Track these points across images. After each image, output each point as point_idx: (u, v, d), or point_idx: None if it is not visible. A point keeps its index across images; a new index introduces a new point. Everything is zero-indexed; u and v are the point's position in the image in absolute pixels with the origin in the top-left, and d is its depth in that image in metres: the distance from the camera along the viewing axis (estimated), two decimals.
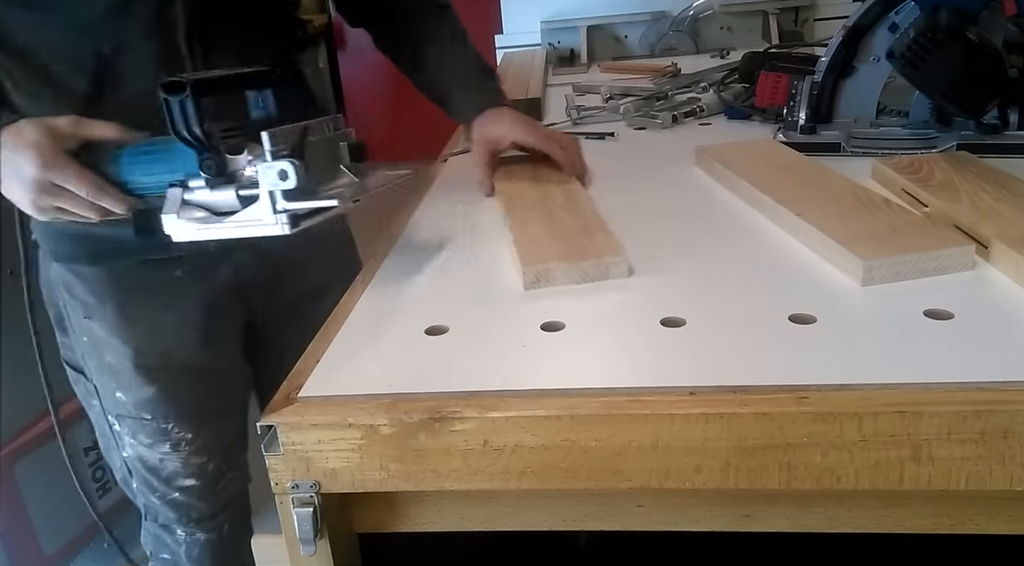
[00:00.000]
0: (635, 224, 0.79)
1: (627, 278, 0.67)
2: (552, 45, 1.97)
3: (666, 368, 0.54)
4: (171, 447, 0.99)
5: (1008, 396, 0.48)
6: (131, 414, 0.98)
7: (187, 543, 1.05)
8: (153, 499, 1.04)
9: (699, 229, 0.78)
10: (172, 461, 1.00)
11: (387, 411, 0.52)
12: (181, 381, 0.97)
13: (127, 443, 1.01)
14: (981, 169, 0.81)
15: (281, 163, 0.61)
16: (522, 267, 0.67)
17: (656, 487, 0.52)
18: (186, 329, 0.95)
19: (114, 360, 0.95)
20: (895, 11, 0.95)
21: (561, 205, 0.83)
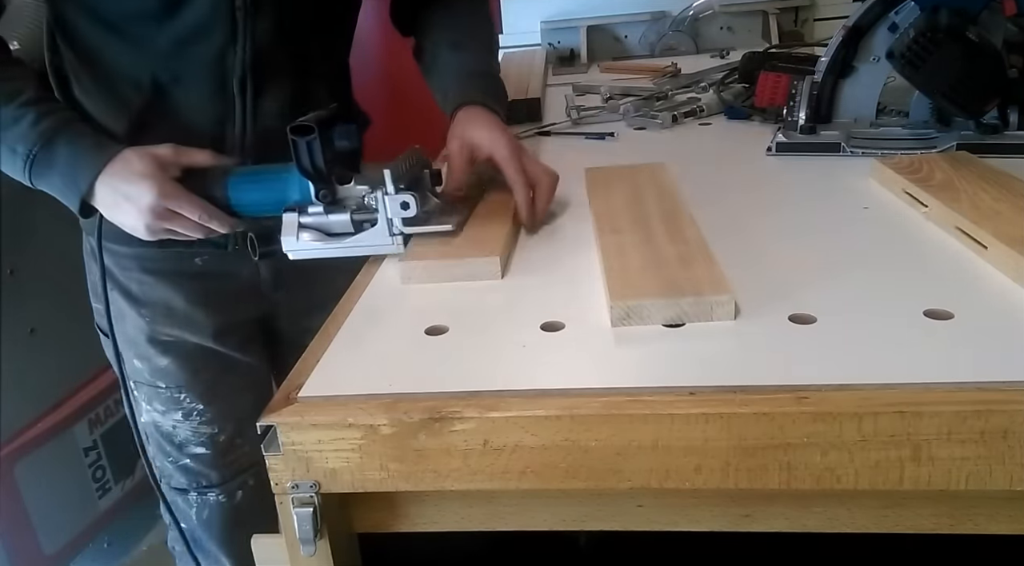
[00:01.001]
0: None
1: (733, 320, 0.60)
2: (552, 45, 1.97)
3: (666, 368, 0.54)
4: (183, 416, 1.04)
5: (1008, 396, 0.48)
6: (147, 381, 1.03)
7: (198, 506, 1.10)
8: (167, 463, 1.08)
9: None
10: (184, 429, 1.05)
11: (387, 411, 0.52)
12: (194, 359, 1.02)
13: (143, 409, 1.05)
14: (981, 169, 0.81)
15: (404, 196, 0.73)
16: (610, 302, 0.61)
17: (656, 487, 0.52)
18: (200, 315, 1.00)
19: (132, 331, 1.01)
20: (895, 11, 0.95)
21: (662, 228, 0.73)
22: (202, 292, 1.00)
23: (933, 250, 0.69)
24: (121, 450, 1.74)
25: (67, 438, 1.58)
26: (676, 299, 0.59)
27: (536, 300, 0.66)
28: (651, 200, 0.81)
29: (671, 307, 0.59)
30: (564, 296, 0.66)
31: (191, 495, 1.10)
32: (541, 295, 0.67)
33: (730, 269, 0.63)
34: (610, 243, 0.71)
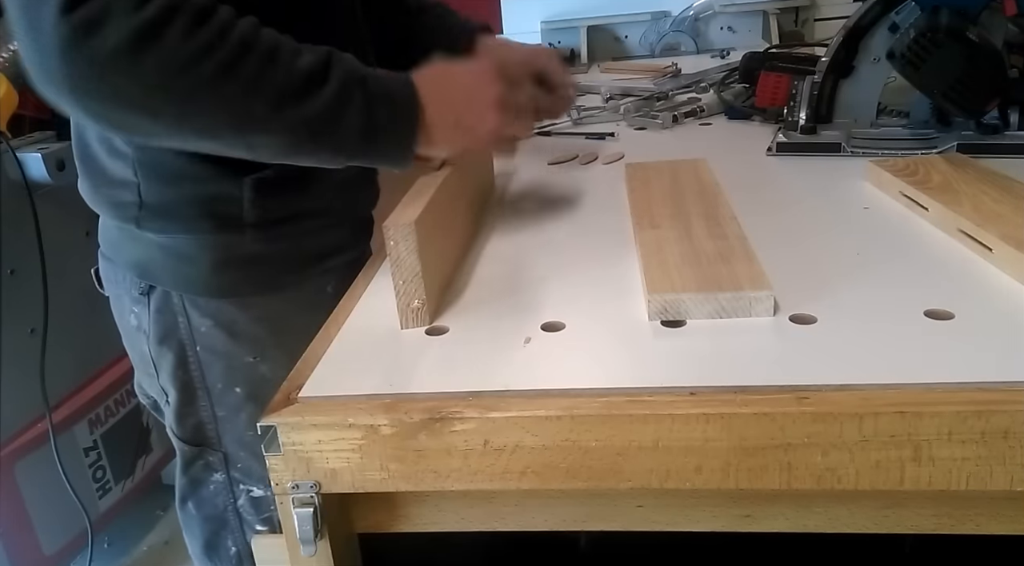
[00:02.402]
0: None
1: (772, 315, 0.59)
2: (552, 45, 1.97)
3: (666, 368, 0.54)
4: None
5: (1008, 396, 0.48)
6: (250, 445, 0.87)
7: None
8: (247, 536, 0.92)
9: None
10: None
11: (387, 411, 0.52)
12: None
13: (257, 514, 0.89)
14: (979, 171, 0.81)
15: None
16: (648, 295, 0.61)
17: (656, 487, 0.52)
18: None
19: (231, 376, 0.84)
20: (895, 11, 0.95)
21: (701, 223, 0.73)
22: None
23: (933, 250, 0.69)
24: (121, 450, 1.74)
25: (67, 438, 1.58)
26: (714, 294, 0.60)
27: (537, 300, 0.66)
28: (691, 195, 0.81)
29: (709, 302, 0.60)
30: (565, 296, 0.66)
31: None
32: (542, 295, 0.67)
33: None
34: (648, 238, 0.71)
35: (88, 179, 0.81)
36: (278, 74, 0.61)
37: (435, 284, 0.66)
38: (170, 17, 0.56)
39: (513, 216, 0.88)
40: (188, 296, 0.80)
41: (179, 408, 0.84)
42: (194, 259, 0.78)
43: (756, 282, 0.60)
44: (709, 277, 0.62)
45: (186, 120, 0.60)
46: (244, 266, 0.79)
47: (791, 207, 0.84)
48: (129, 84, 0.57)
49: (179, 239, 0.77)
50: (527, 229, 0.83)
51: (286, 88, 0.61)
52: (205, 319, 0.80)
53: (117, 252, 0.83)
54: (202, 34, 0.58)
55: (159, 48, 0.56)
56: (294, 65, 0.61)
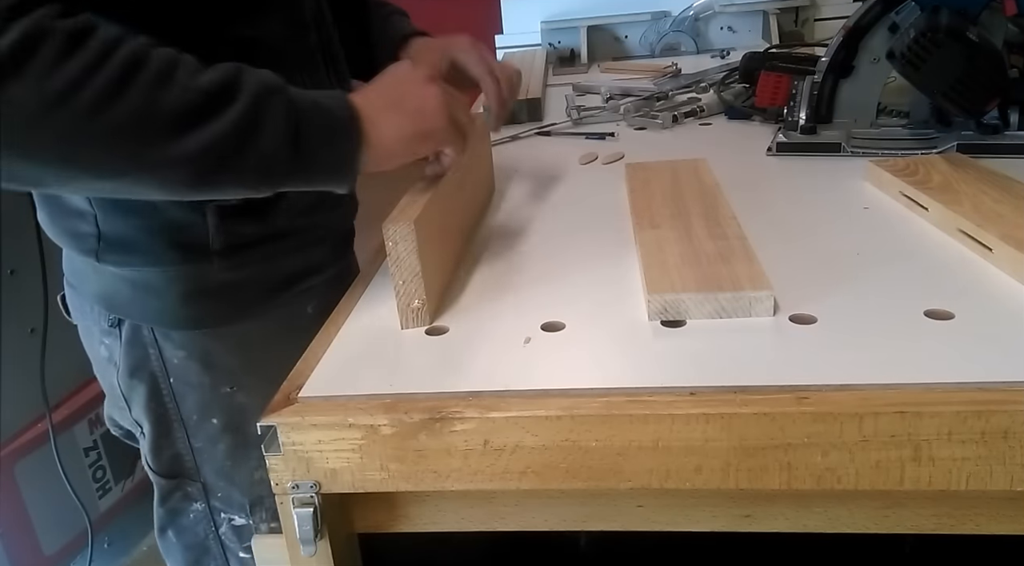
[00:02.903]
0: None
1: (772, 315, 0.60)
2: (552, 45, 1.96)
3: (666, 368, 0.54)
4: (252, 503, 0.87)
5: (1008, 396, 0.48)
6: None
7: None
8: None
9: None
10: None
11: (387, 411, 0.52)
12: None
13: (223, 518, 0.86)
14: (979, 171, 0.81)
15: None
16: (648, 295, 0.61)
17: (656, 487, 0.52)
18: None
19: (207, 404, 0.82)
20: (895, 11, 0.95)
21: (701, 223, 0.73)
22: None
23: (933, 250, 0.69)
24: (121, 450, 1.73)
25: (67, 438, 1.58)
26: (714, 294, 0.60)
27: (537, 300, 0.66)
28: (691, 195, 0.81)
29: (709, 302, 0.60)
30: (565, 296, 0.66)
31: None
32: (542, 295, 0.67)
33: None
34: (648, 238, 0.71)
35: (45, 207, 0.77)
36: (172, 96, 0.52)
37: (435, 284, 0.66)
38: (34, 45, 0.48)
39: (513, 216, 0.88)
40: (158, 328, 0.77)
41: (154, 440, 0.82)
42: (160, 291, 0.74)
43: (756, 282, 0.60)
44: (709, 277, 0.62)
45: (72, 161, 0.52)
46: (214, 295, 0.76)
47: (791, 207, 0.84)
48: (11, 129, 0.48)
49: (143, 271, 0.74)
50: (527, 229, 0.83)
51: (183, 111, 0.53)
52: (178, 351, 0.77)
53: (82, 283, 0.80)
54: (76, 61, 0.49)
55: (24, 82, 0.48)
56: (193, 84, 0.54)
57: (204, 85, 0.54)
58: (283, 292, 0.80)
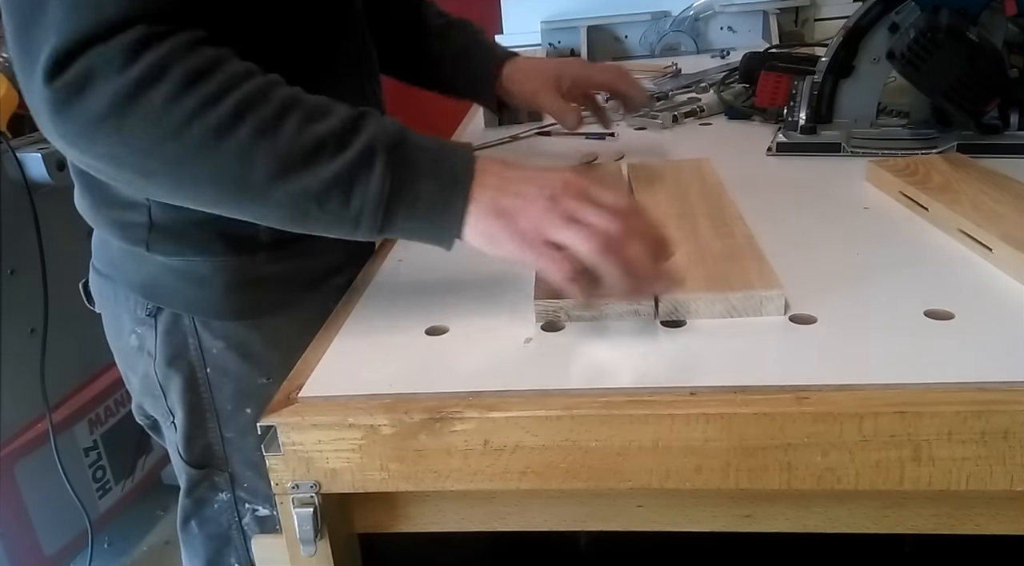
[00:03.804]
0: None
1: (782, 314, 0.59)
2: (552, 45, 1.96)
3: (666, 368, 0.54)
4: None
5: (1009, 396, 0.48)
6: (255, 467, 0.86)
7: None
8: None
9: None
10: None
11: (387, 411, 0.52)
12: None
13: (246, 508, 0.87)
14: (979, 171, 0.81)
15: None
16: (657, 295, 0.60)
17: (656, 487, 0.52)
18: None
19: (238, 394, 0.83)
20: (895, 11, 0.95)
21: (708, 223, 0.72)
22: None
23: (933, 251, 0.69)
24: (121, 450, 1.74)
25: (67, 438, 1.58)
26: (725, 294, 0.59)
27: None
28: (696, 195, 0.81)
29: (720, 302, 0.59)
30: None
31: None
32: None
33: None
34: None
35: (88, 196, 0.78)
36: (282, 139, 0.54)
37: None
38: (159, 75, 0.52)
39: None
40: (199, 318, 0.78)
41: (187, 431, 0.83)
42: (206, 281, 0.76)
43: (767, 281, 0.60)
44: (718, 277, 0.62)
45: (180, 186, 0.56)
46: (256, 287, 0.78)
47: (791, 207, 0.84)
48: (117, 146, 0.53)
49: (191, 261, 0.76)
50: None
51: (291, 154, 0.54)
52: (217, 341, 0.79)
53: (118, 272, 0.81)
54: (194, 95, 0.52)
55: (145, 111, 0.52)
56: (305, 130, 0.54)
57: (319, 131, 0.55)
58: (317, 287, 0.81)
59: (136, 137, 0.53)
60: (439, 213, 0.57)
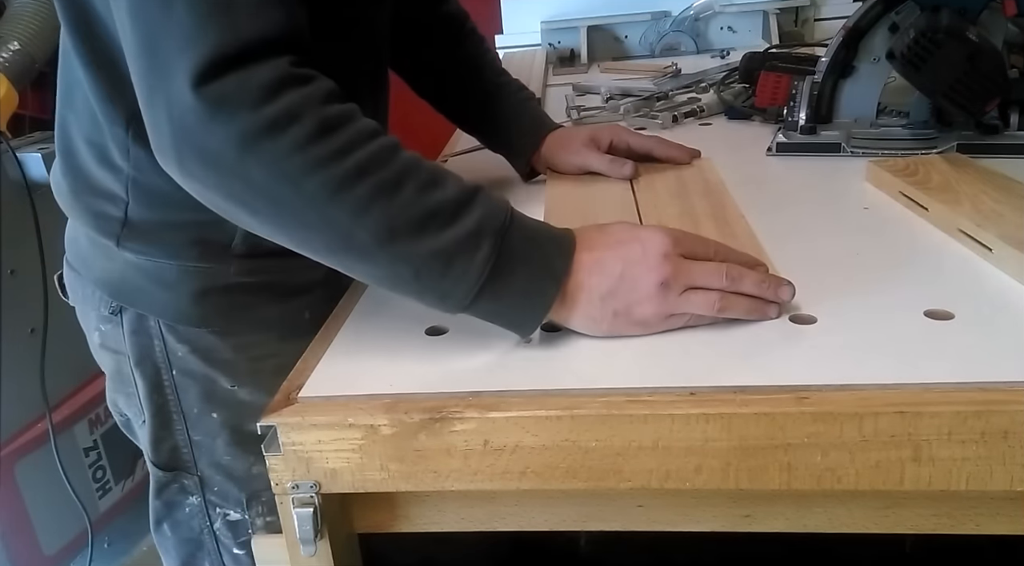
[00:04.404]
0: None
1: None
2: (552, 45, 1.96)
3: (666, 368, 0.54)
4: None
5: (1008, 396, 0.48)
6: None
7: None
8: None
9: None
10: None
11: (387, 411, 0.52)
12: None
13: (217, 513, 0.86)
14: (978, 171, 0.81)
15: None
16: None
17: (656, 487, 0.52)
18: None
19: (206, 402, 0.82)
20: (895, 11, 0.95)
21: (710, 223, 0.72)
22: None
23: (933, 250, 0.69)
24: (121, 450, 1.74)
25: (67, 438, 1.58)
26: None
27: None
28: (697, 194, 0.81)
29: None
30: None
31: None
32: None
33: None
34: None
35: (68, 179, 0.77)
36: (395, 205, 0.54)
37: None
38: (290, 121, 0.52)
39: None
40: (164, 321, 0.77)
41: (155, 432, 0.82)
42: (173, 286, 0.75)
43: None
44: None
45: (283, 228, 0.56)
46: (224, 296, 0.76)
47: (791, 207, 0.84)
48: (232, 179, 0.53)
49: (160, 263, 0.75)
50: None
51: (401, 222, 0.54)
52: (182, 344, 0.78)
53: (86, 267, 0.80)
54: (320, 147, 0.52)
55: (270, 151, 0.51)
56: (421, 198, 0.54)
57: (428, 204, 0.55)
58: (287, 300, 0.80)
59: (252, 176, 0.52)
60: (530, 299, 0.57)
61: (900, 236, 0.73)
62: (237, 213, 0.56)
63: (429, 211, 0.55)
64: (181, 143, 0.52)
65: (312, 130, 0.52)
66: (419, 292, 0.57)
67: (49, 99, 1.62)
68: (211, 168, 0.53)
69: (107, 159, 0.72)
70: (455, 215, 0.55)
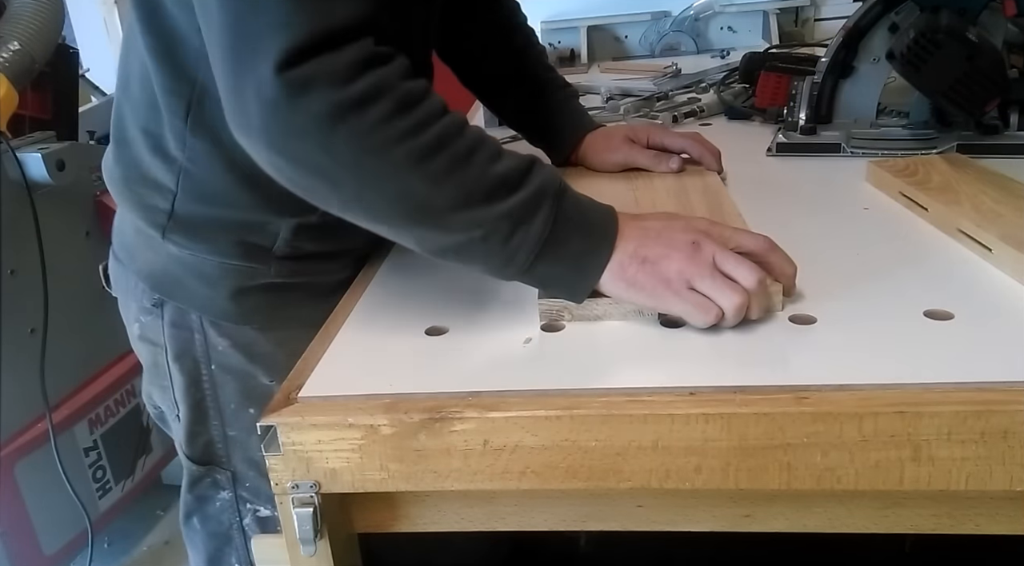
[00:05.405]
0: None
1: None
2: (552, 45, 1.96)
3: (666, 368, 0.54)
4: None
5: (1008, 396, 0.48)
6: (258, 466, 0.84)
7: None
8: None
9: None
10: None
11: (387, 411, 0.52)
12: None
13: (247, 508, 0.87)
14: (978, 171, 0.81)
15: None
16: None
17: (656, 487, 0.52)
18: None
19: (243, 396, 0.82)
20: (895, 11, 0.95)
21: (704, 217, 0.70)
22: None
23: (933, 251, 0.69)
24: (121, 450, 1.74)
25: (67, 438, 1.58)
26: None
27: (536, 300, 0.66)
28: (696, 194, 0.81)
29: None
30: None
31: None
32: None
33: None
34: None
35: (120, 167, 0.78)
36: (469, 174, 0.57)
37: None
38: (375, 97, 0.54)
39: None
40: (205, 316, 0.79)
41: (190, 426, 0.83)
42: (214, 282, 0.76)
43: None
44: None
45: (363, 200, 0.58)
46: (264, 295, 0.78)
47: (791, 207, 0.84)
48: (319, 153, 0.55)
49: (202, 259, 0.76)
50: None
51: (474, 189, 0.57)
52: (222, 338, 0.79)
53: (131, 258, 0.81)
54: (402, 121, 0.55)
55: (357, 126, 0.54)
56: (489, 168, 0.58)
57: (495, 173, 0.58)
58: (327, 298, 0.79)
59: (339, 149, 0.55)
60: (584, 261, 0.60)
61: (900, 236, 0.73)
62: (318, 187, 0.57)
63: (499, 178, 0.58)
64: (270, 120, 0.54)
65: (395, 106, 0.55)
66: (485, 256, 0.59)
67: (49, 99, 1.63)
68: (299, 143, 0.55)
69: (162, 149, 0.73)
70: (519, 182, 0.59)
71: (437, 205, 0.57)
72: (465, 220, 0.57)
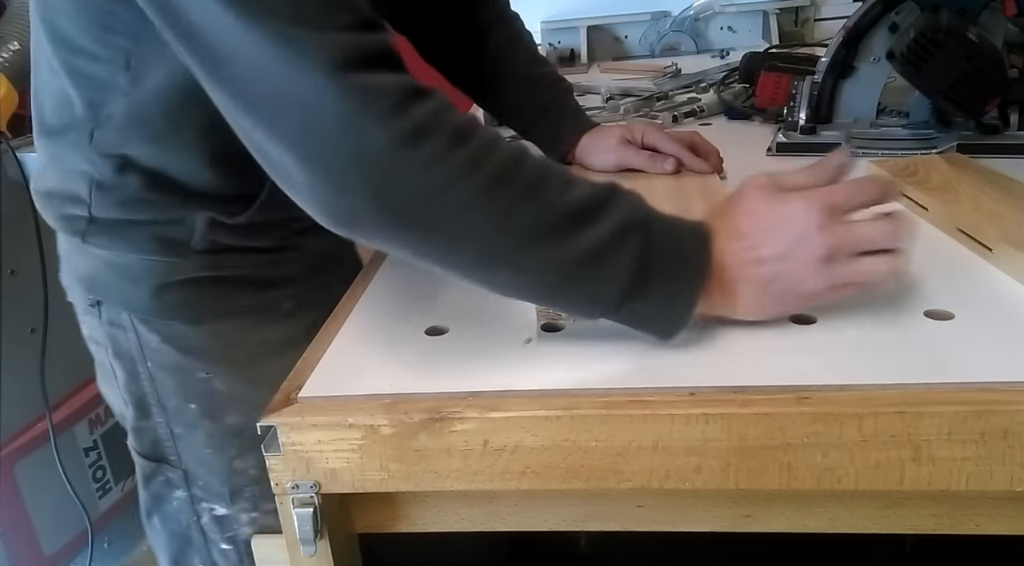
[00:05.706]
0: None
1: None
2: (552, 45, 1.96)
3: (666, 368, 0.54)
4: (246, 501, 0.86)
5: (1008, 396, 0.48)
6: (253, 480, 0.82)
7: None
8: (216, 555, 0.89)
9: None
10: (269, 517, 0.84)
11: (387, 411, 0.52)
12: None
13: (221, 532, 0.85)
14: (978, 171, 0.81)
15: None
16: None
17: (656, 487, 0.52)
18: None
19: (240, 417, 0.80)
20: (895, 11, 0.95)
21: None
22: (292, 333, 0.76)
23: (933, 250, 0.69)
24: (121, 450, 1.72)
25: (67, 438, 1.58)
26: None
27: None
28: (696, 194, 0.81)
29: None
30: None
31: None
32: None
33: None
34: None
35: (43, 186, 0.79)
36: (535, 209, 0.52)
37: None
38: (428, 130, 0.50)
39: None
40: (134, 314, 0.79)
41: (135, 422, 0.84)
42: (138, 279, 0.77)
43: None
44: None
45: (421, 241, 0.53)
46: (188, 289, 0.77)
47: None
48: (374, 200, 0.50)
49: (124, 257, 0.76)
50: None
51: (543, 226, 0.52)
52: (153, 335, 0.79)
53: (66, 262, 0.83)
54: (459, 156, 0.50)
55: (414, 164, 0.49)
56: (559, 200, 0.53)
57: (568, 204, 0.53)
58: (262, 291, 0.81)
59: (397, 189, 0.50)
60: (676, 299, 0.55)
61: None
62: (385, 234, 0.53)
63: (575, 209, 0.53)
64: (316, 178, 0.50)
65: (447, 140, 0.50)
66: (567, 297, 0.55)
67: None
68: (352, 197, 0.50)
69: (72, 164, 0.74)
70: (599, 212, 0.53)
71: (504, 246, 0.52)
72: (540, 260, 0.52)
